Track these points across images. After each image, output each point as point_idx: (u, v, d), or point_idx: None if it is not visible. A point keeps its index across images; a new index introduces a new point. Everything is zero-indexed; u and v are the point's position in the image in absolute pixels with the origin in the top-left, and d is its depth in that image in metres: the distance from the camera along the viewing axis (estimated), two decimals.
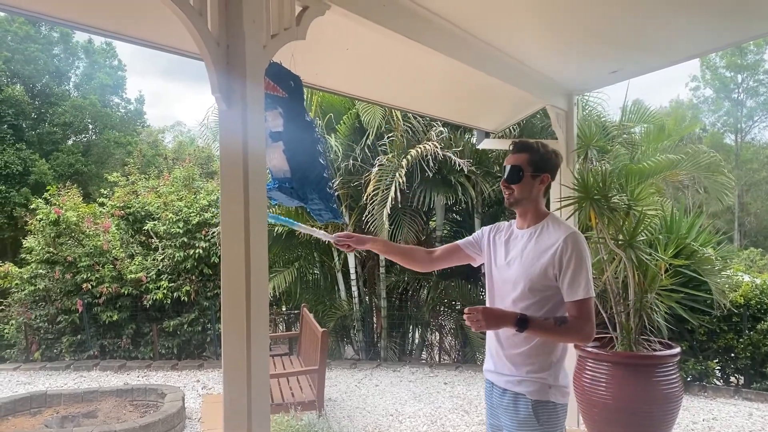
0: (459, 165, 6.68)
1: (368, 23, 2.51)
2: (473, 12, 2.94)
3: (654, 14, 3.04)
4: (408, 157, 6.62)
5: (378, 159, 6.91)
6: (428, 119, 7.25)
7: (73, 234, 8.17)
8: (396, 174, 6.52)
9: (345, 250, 2.49)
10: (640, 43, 3.55)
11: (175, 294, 7.90)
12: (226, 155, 1.86)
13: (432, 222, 8.46)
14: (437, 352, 8.48)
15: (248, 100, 1.82)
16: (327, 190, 2.27)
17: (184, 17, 1.73)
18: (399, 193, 6.42)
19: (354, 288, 7.87)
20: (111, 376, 7.25)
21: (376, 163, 6.84)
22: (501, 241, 2.22)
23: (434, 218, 8.33)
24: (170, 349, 8.00)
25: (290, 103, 2.15)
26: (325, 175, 2.26)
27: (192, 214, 8.20)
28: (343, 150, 7.40)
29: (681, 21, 3.14)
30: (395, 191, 6.36)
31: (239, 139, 1.81)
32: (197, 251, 7.96)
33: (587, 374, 3.93)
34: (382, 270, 7.72)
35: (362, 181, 7.28)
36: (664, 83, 46.40)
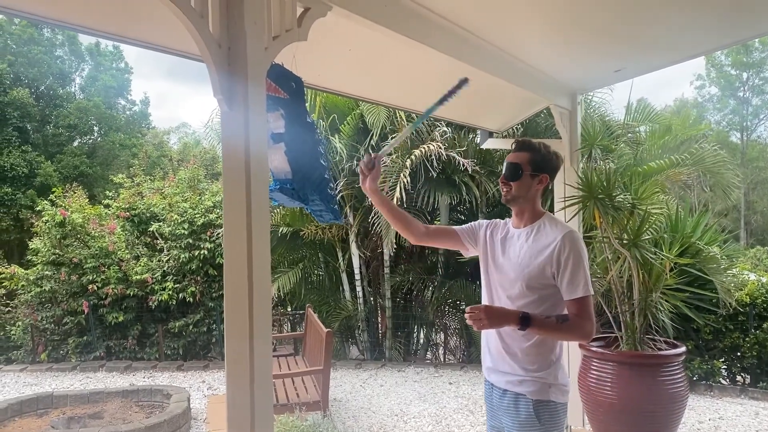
0: (463, 165, 6.67)
1: (370, 24, 2.51)
2: (475, 12, 2.94)
3: (658, 12, 3.02)
4: (412, 157, 6.62)
5: (382, 159, 6.90)
6: (432, 119, 7.25)
7: (79, 236, 8.21)
8: (400, 174, 6.52)
9: (361, 177, 2.27)
10: (644, 42, 3.53)
11: (181, 295, 7.93)
12: (229, 157, 1.86)
13: (436, 222, 8.45)
14: (442, 352, 8.48)
15: (250, 102, 1.81)
16: (328, 191, 2.27)
17: (186, 19, 1.74)
18: (403, 193, 6.42)
19: (358, 288, 7.88)
20: (117, 377, 7.28)
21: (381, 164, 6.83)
22: (497, 239, 2.22)
23: (439, 218, 8.32)
24: (176, 350, 8.03)
25: (292, 105, 2.16)
26: (326, 177, 2.26)
27: (197, 215, 8.23)
28: (348, 151, 7.40)
29: (685, 18, 3.12)
30: (400, 191, 6.35)
31: (241, 141, 1.82)
32: (202, 252, 7.99)
33: (592, 374, 3.92)
34: (387, 270, 7.72)
35: None
36: (669, 81, 46.46)
